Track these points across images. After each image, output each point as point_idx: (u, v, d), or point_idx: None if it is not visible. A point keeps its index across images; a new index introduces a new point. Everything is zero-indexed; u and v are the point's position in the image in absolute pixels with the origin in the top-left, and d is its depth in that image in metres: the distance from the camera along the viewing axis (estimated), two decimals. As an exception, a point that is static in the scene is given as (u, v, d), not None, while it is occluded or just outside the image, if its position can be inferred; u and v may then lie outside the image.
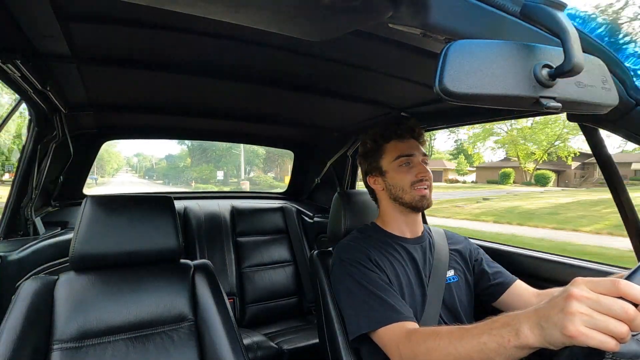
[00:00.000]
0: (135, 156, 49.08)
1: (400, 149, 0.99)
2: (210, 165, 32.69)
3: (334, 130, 1.93)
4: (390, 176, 1.00)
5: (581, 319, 0.45)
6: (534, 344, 0.51)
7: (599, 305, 0.45)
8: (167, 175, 35.92)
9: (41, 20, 0.74)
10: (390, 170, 1.00)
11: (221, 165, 32.57)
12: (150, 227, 1.00)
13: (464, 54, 0.38)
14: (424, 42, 0.51)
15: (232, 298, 1.88)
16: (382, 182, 1.02)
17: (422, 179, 0.96)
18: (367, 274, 0.88)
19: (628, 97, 0.59)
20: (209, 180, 30.36)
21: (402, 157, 0.98)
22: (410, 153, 0.98)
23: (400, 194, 0.98)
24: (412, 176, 0.96)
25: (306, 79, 1.19)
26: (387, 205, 1.03)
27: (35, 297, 0.85)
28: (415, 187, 0.96)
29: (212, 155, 33.13)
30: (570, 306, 0.46)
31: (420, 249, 1.00)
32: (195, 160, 33.95)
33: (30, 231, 1.42)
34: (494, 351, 0.56)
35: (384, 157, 1.01)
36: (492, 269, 1.03)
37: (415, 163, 0.98)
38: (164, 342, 0.92)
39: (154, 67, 1.05)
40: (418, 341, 0.71)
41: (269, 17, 0.53)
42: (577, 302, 0.46)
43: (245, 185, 25.94)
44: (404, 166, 0.98)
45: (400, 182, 0.98)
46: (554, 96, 0.42)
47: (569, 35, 0.38)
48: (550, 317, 0.48)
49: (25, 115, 1.33)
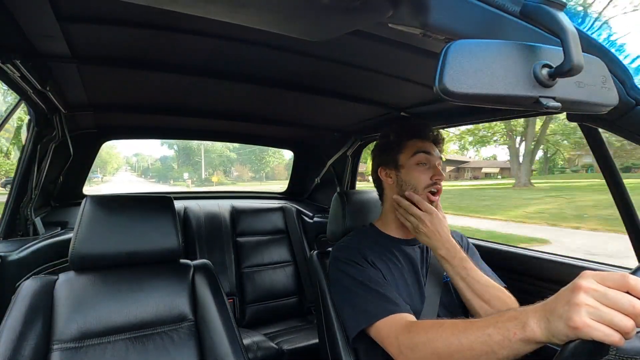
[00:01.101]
0: (134, 156, 51.91)
1: (420, 145, 0.99)
2: (189, 167, 38.18)
3: (334, 130, 1.93)
4: (405, 172, 0.98)
5: (587, 311, 0.44)
6: (540, 337, 0.50)
7: (606, 298, 0.44)
8: (159, 174, 41.61)
9: (41, 20, 0.74)
10: (406, 166, 0.98)
11: (197, 168, 38.76)
12: (150, 227, 1.00)
13: (464, 54, 0.38)
14: (424, 42, 0.51)
15: (232, 298, 1.88)
16: (395, 177, 1.01)
17: (436, 182, 0.95)
18: (362, 271, 0.88)
19: (628, 97, 0.59)
20: (178, 179, 36.04)
21: (421, 153, 0.97)
22: (429, 151, 0.98)
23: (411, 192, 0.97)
24: (427, 177, 0.95)
25: (306, 79, 1.18)
26: (392, 202, 1.02)
27: (35, 297, 0.85)
28: (428, 191, 0.95)
29: (194, 159, 38.71)
30: (576, 297, 0.45)
31: (418, 248, 1.00)
32: (181, 162, 39.97)
33: (30, 231, 1.42)
34: (498, 344, 0.55)
35: (403, 152, 1.00)
36: (482, 271, 1.02)
37: (432, 164, 0.97)
38: (164, 342, 0.91)
39: (154, 67, 1.05)
40: (419, 331, 0.70)
41: (268, 17, 0.53)
42: (584, 294, 0.45)
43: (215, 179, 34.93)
44: (421, 165, 0.97)
45: (414, 181, 0.96)
46: (554, 96, 0.42)
47: (569, 35, 0.38)
48: (557, 309, 0.48)
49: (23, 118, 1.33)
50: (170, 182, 36.98)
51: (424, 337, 0.68)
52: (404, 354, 0.71)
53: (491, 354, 0.57)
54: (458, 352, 0.61)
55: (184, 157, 40.02)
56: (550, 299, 0.51)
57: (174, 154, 42.36)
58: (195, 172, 38.74)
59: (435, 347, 0.65)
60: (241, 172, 40.40)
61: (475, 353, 0.59)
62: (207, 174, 38.76)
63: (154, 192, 2.60)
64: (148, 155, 49.21)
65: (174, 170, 40.63)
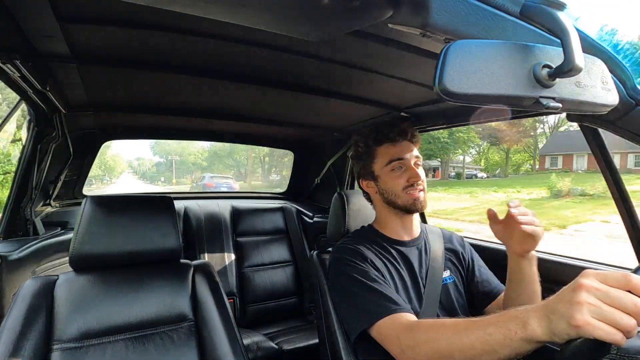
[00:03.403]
0: (136, 159, 57.03)
1: (392, 152, 0.98)
2: (170, 173, 47.68)
3: (334, 131, 1.93)
4: (383, 181, 0.98)
5: (589, 309, 0.44)
6: (541, 336, 0.50)
7: (607, 297, 0.44)
8: (152, 177, 49.39)
9: (41, 20, 0.74)
10: (382, 175, 0.98)
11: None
12: (150, 227, 1.00)
13: (464, 54, 0.38)
14: (424, 42, 0.51)
15: (232, 298, 1.88)
16: (375, 186, 1.01)
17: (413, 183, 0.95)
18: (362, 271, 0.87)
19: (628, 97, 0.59)
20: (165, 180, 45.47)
21: (394, 162, 0.97)
22: (402, 157, 0.97)
23: (394, 198, 0.96)
24: (404, 180, 0.95)
25: (306, 79, 1.18)
26: (381, 208, 1.03)
27: (35, 297, 0.85)
28: (408, 191, 0.95)
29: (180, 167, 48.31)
30: (578, 296, 0.45)
31: (417, 250, 1.00)
32: (165, 168, 49.14)
33: (30, 231, 1.42)
34: (499, 343, 0.55)
35: (376, 161, 1.00)
36: (482, 276, 1.02)
37: (407, 166, 0.96)
38: (164, 342, 0.91)
39: (154, 67, 1.05)
40: (420, 331, 0.70)
41: (268, 17, 0.53)
42: (585, 293, 0.45)
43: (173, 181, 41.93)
44: (396, 170, 0.96)
45: (392, 187, 0.96)
46: (554, 96, 0.42)
47: (569, 35, 0.38)
48: (558, 308, 0.48)
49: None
50: (158, 182, 44.57)
51: (425, 336, 0.68)
52: (405, 353, 0.71)
53: (492, 353, 0.57)
54: (459, 351, 0.61)
55: (169, 164, 48.95)
56: (552, 298, 0.51)
57: (164, 161, 51.75)
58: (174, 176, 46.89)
59: (437, 346, 0.65)
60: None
61: (477, 352, 0.59)
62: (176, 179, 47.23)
63: (154, 192, 2.60)
64: (148, 159, 54.85)
65: (162, 174, 49.33)
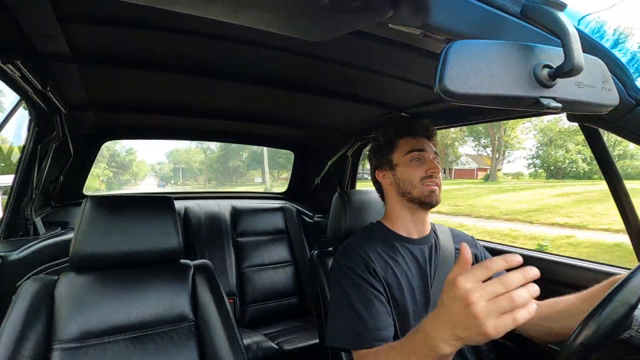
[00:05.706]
0: (157, 164, 62.87)
1: (412, 144, 0.99)
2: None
3: (334, 131, 1.93)
4: (401, 170, 0.98)
5: (488, 317, 0.48)
6: (454, 350, 0.54)
7: (492, 293, 0.48)
8: (169, 178, 55.11)
9: (41, 20, 0.74)
10: (400, 164, 0.99)
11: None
12: (150, 227, 1.00)
13: (464, 54, 0.38)
14: (424, 42, 0.51)
15: (232, 298, 1.88)
16: (391, 177, 1.00)
17: (432, 175, 0.95)
18: (357, 286, 0.87)
19: (628, 97, 0.59)
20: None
21: (414, 152, 0.97)
22: (422, 148, 0.98)
23: (409, 188, 0.96)
24: (422, 171, 0.95)
25: (306, 79, 1.18)
26: (394, 202, 1.01)
27: (35, 297, 0.85)
28: (425, 183, 0.95)
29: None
30: (475, 311, 0.48)
31: (427, 248, 0.98)
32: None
33: (31, 231, 1.42)
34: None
35: (396, 151, 1.00)
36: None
37: (426, 159, 0.97)
38: (164, 342, 0.91)
39: (154, 67, 1.05)
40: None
41: (269, 17, 0.53)
42: (476, 305, 0.48)
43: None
44: (415, 161, 0.97)
45: (409, 177, 0.96)
46: (554, 96, 0.42)
47: (569, 36, 0.38)
48: (459, 323, 0.51)
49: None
50: (168, 184, 50.70)
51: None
52: None
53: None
54: None
55: (178, 170, 54.53)
56: (441, 313, 0.54)
57: (178, 167, 56.99)
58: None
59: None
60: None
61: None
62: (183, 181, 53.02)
63: (154, 192, 2.60)
64: (167, 163, 59.87)
65: (174, 178, 54.89)
